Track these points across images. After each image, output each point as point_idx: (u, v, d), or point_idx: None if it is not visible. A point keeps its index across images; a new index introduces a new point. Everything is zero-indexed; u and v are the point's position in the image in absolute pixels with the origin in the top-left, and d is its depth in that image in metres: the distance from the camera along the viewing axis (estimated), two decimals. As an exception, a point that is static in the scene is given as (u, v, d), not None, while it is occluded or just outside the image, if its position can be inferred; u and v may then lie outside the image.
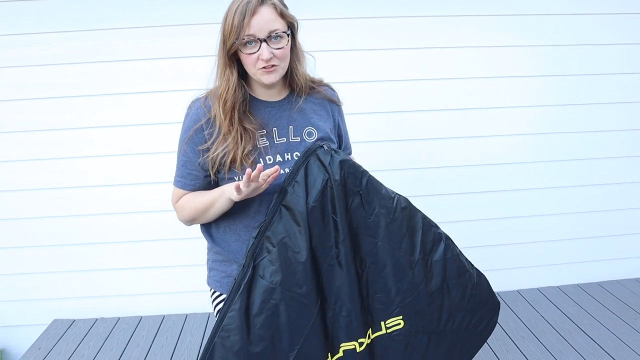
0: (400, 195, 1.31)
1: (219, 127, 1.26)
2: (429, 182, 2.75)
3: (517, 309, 2.72)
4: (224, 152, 1.25)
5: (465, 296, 1.36)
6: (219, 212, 1.31)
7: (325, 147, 1.26)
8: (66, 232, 2.66)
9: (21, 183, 2.59)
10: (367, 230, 1.27)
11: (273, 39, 1.21)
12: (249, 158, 1.26)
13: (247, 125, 1.26)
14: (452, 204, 2.79)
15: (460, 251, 1.38)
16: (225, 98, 1.24)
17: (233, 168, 1.26)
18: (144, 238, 2.69)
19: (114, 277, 2.73)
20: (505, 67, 2.67)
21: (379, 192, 1.28)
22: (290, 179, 1.24)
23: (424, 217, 1.33)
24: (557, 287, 2.94)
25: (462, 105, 2.69)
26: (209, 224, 1.39)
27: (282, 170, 1.28)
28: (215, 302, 1.43)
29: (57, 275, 2.71)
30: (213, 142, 1.26)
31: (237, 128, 1.24)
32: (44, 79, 2.49)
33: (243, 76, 1.29)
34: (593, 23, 2.66)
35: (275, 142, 1.30)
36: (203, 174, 1.32)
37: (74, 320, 2.73)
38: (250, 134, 1.26)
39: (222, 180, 1.31)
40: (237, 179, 1.27)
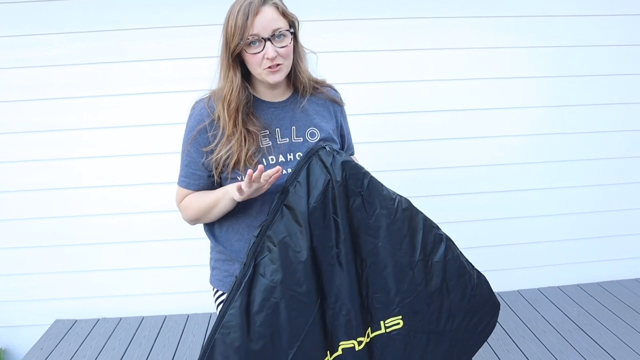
0: (401, 197, 1.31)
1: (222, 129, 1.26)
2: (430, 182, 2.76)
3: (518, 309, 2.73)
4: (228, 154, 1.26)
5: (465, 297, 1.36)
6: (222, 212, 1.31)
7: (327, 148, 1.26)
8: (68, 233, 2.67)
9: (25, 184, 2.60)
10: (368, 231, 1.27)
11: (277, 38, 1.22)
12: (253, 159, 1.26)
13: (251, 128, 1.27)
14: (452, 204, 2.79)
15: (460, 252, 1.38)
16: (229, 100, 1.25)
17: (236, 169, 1.27)
18: (146, 238, 2.70)
19: (115, 278, 2.74)
20: (506, 68, 2.68)
21: (380, 193, 1.29)
22: (292, 179, 1.24)
23: (425, 219, 1.34)
24: (558, 287, 2.95)
25: (463, 106, 2.70)
26: (212, 224, 1.40)
27: (285, 171, 1.28)
28: (217, 301, 1.44)
29: (59, 276, 2.72)
30: (217, 144, 1.27)
31: (240, 130, 1.25)
32: (46, 80, 2.49)
33: (246, 77, 1.30)
34: (593, 24, 2.67)
35: (278, 142, 1.31)
36: (207, 174, 1.32)
37: (76, 321, 2.74)
38: (254, 135, 1.27)
39: (225, 181, 1.32)
40: (239, 179, 1.27)
